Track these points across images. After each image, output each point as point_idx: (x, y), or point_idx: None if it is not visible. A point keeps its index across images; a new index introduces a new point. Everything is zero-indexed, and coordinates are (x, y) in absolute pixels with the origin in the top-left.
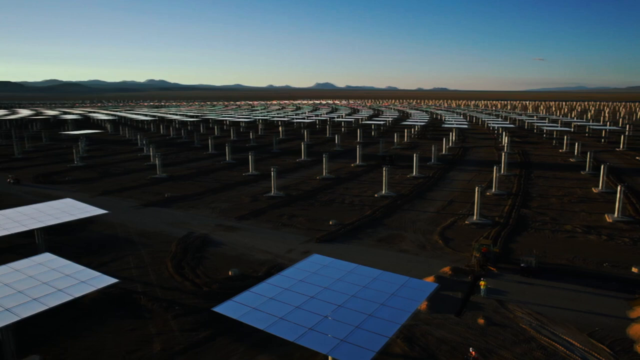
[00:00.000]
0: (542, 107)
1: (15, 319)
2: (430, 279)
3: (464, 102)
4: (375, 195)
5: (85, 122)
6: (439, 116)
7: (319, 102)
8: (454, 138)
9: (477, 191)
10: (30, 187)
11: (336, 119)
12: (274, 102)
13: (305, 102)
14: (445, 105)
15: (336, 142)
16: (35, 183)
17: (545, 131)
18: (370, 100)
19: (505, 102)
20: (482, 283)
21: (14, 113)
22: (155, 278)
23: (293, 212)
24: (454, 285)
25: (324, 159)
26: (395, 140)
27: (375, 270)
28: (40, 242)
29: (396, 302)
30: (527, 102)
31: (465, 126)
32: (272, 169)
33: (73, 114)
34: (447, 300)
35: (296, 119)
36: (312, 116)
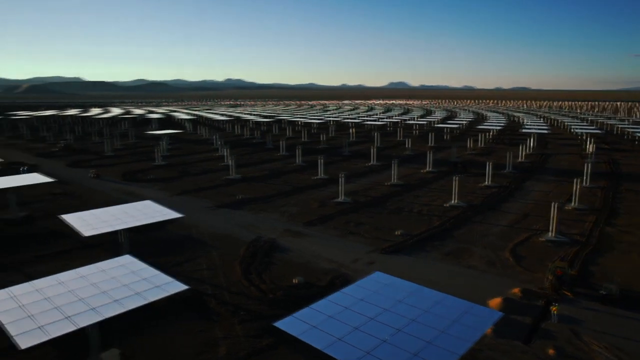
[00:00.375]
0: (636, 109)
1: (99, 318)
2: (497, 300)
3: (546, 103)
4: (445, 205)
5: (167, 121)
6: (517, 119)
7: (379, 102)
8: (533, 144)
9: (554, 207)
10: (117, 183)
11: (408, 121)
12: (347, 102)
13: (380, 102)
14: (526, 106)
15: (407, 145)
16: (122, 180)
17: (638, 137)
18: (432, 100)
19: (594, 104)
20: (554, 309)
21: (106, 112)
22: (225, 281)
23: (360, 220)
24: (524, 308)
25: (393, 164)
26: (468, 145)
27: (438, 293)
28: (124, 242)
29: (457, 330)
30: (619, 103)
31: (546, 131)
32: (340, 175)
33: (157, 113)
34: (515, 324)
35: (368, 120)
36: (384, 118)
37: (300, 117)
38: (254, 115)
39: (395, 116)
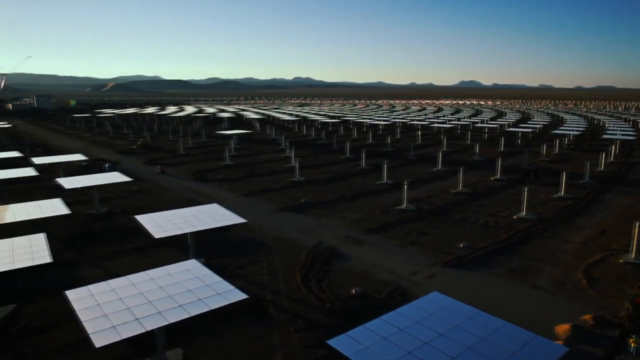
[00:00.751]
0: None
1: (165, 323)
2: (565, 327)
3: (634, 104)
4: (514, 217)
5: (237, 120)
6: (599, 122)
7: (448, 102)
8: (615, 151)
9: (637, 224)
10: (188, 182)
11: (478, 124)
12: (415, 102)
13: (449, 101)
14: (611, 107)
15: (475, 150)
16: (192, 179)
17: None
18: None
19: None
20: (631, 341)
21: (181, 110)
22: (284, 287)
23: (422, 229)
24: (595, 338)
25: (460, 171)
26: (542, 152)
27: (498, 320)
28: (191, 245)
29: None
30: None
31: (632, 137)
32: (404, 182)
33: (228, 112)
34: (584, 356)
35: (436, 122)
36: (453, 120)
37: (366, 118)
38: (321, 115)
39: (465, 118)
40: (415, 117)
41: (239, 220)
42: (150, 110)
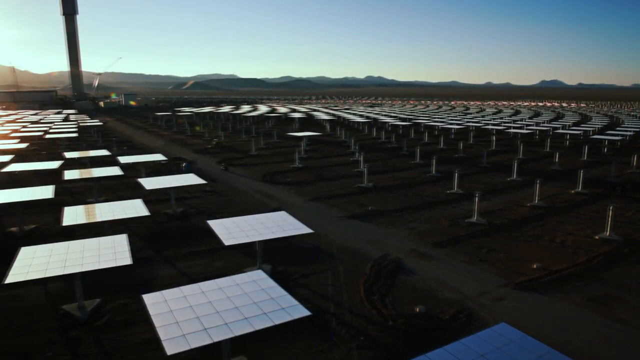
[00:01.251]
0: None
1: (231, 335)
2: None
3: None
4: (596, 237)
5: (308, 120)
6: None
7: (526, 103)
8: None
9: None
10: (258, 184)
11: (559, 130)
12: (491, 103)
13: (527, 103)
14: None
15: (555, 159)
16: (262, 181)
17: None
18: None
19: None
20: None
21: (254, 109)
22: (347, 300)
23: (493, 246)
24: None
25: (536, 182)
26: (633, 162)
27: None
28: (259, 252)
29: None
30: None
31: None
32: (475, 195)
33: (299, 111)
34: None
35: (512, 127)
36: (532, 124)
37: (438, 121)
38: (391, 117)
39: (544, 122)
40: (490, 120)
41: (306, 230)
42: (226, 109)
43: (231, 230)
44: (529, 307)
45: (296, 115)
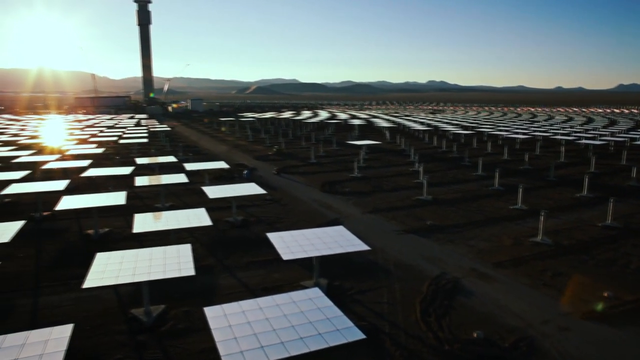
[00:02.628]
0: None
1: (287, 354)
2: None
3: None
4: None
5: (368, 127)
6: None
7: (600, 110)
8: None
9: None
10: (317, 193)
11: (638, 141)
12: (561, 109)
13: (601, 110)
14: None
15: (632, 174)
16: (321, 190)
17: None
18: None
19: None
20: None
21: (315, 115)
22: (402, 320)
23: (559, 269)
24: None
25: (610, 199)
26: None
27: None
28: (315, 267)
29: None
30: None
31: None
32: (541, 213)
33: (359, 118)
34: None
35: (583, 138)
36: (606, 134)
37: (502, 129)
38: (453, 125)
39: (621, 132)
40: (559, 129)
41: (364, 247)
42: (287, 114)
43: (289, 244)
44: (598, 339)
45: (356, 122)
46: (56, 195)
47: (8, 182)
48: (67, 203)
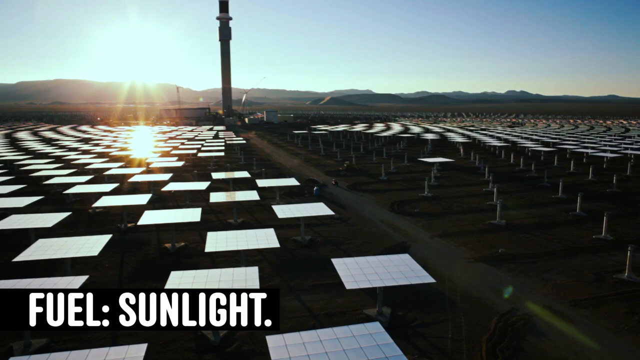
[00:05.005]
0: None
1: None
2: None
3: None
4: None
5: (442, 142)
6: None
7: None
8: None
9: None
10: (385, 213)
11: None
12: None
13: None
14: None
15: None
16: (389, 210)
17: None
18: None
19: None
20: None
21: (388, 128)
22: (467, 359)
23: None
24: None
25: None
26: None
27: None
28: (379, 296)
29: None
30: None
31: None
32: (629, 248)
33: (433, 132)
34: None
35: None
36: None
37: (588, 145)
38: (532, 140)
39: None
40: None
41: (429, 279)
42: (359, 127)
43: (353, 272)
44: None
45: (429, 136)
46: (140, 208)
47: (100, 194)
48: (148, 218)
